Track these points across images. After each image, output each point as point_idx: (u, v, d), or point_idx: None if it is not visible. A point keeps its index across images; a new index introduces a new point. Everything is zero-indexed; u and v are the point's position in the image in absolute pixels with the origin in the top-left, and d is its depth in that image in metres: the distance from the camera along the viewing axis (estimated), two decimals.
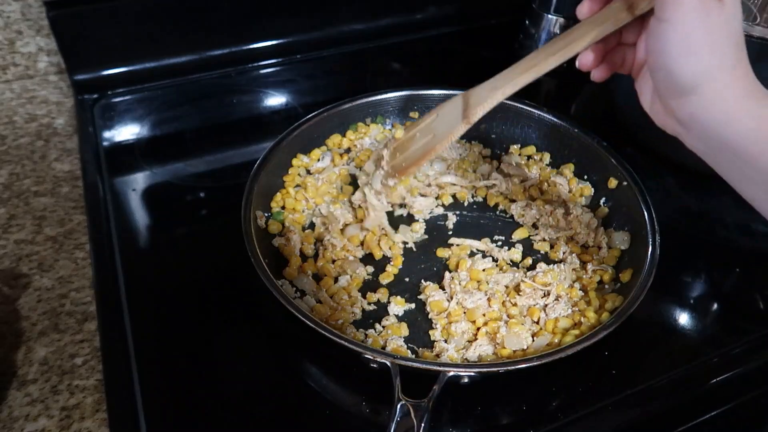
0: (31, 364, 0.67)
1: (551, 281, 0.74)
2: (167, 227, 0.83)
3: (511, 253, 0.80)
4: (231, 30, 1.10)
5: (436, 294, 0.73)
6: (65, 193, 0.88)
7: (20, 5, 1.04)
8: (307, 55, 1.17)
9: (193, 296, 0.74)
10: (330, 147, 0.92)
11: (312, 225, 0.82)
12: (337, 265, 0.76)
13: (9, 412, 0.63)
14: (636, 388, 0.66)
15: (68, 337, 0.70)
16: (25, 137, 0.98)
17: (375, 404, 0.63)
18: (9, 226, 0.83)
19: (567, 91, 1.14)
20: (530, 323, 0.71)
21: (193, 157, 0.94)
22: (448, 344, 0.68)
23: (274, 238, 0.79)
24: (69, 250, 0.80)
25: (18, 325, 0.71)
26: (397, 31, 1.23)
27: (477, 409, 0.63)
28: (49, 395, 0.64)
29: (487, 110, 0.67)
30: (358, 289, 0.75)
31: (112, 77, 1.05)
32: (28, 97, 1.07)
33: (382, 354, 0.61)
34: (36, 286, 0.75)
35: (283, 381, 0.67)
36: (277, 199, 0.83)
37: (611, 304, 0.71)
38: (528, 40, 1.16)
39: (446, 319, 0.71)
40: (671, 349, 0.71)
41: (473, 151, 0.94)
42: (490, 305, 0.72)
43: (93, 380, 0.66)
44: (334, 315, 0.70)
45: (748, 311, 0.76)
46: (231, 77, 1.11)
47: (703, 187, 0.91)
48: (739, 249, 0.84)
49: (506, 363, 0.62)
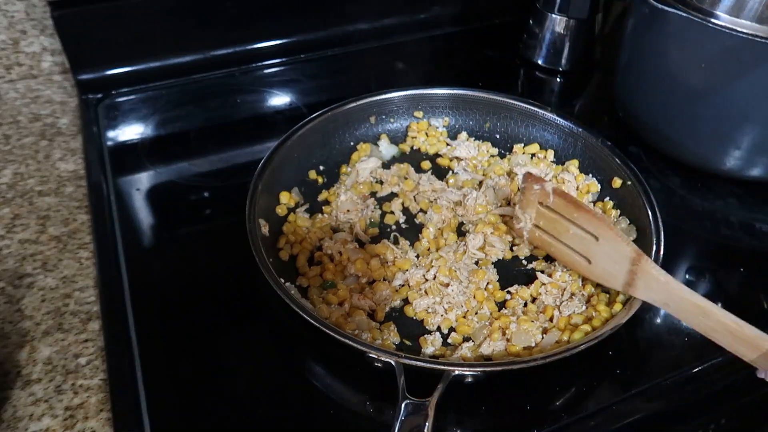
0: (35, 363, 0.67)
1: (568, 280, 0.74)
2: (171, 227, 0.84)
3: (522, 248, 0.80)
4: (235, 29, 1.10)
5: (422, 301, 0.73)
6: (69, 192, 0.88)
7: (24, 5, 1.04)
8: (312, 54, 1.17)
9: (196, 296, 0.74)
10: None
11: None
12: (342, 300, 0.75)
13: (13, 411, 0.63)
14: (640, 388, 0.66)
15: (72, 337, 0.70)
16: (29, 137, 0.98)
17: (379, 403, 0.63)
18: (13, 225, 0.83)
19: (571, 90, 1.14)
20: (543, 320, 0.71)
21: (197, 156, 0.94)
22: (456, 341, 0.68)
23: (278, 239, 0.79)
24: (73, 249, 0.80)
25: (22, 324, 0.71)
26: (401, 30, 1.23)
27: (481, 407, 0.63)
28: (53, 395, 0.64)
29: (649, 302, 0.66)
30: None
31: (116, 77, 1.05)
32: (33, 96, 1.07)
33: (387, 353, 0.60)
34: (40, 286, 0.75)
35: (287, 380, 0.67)
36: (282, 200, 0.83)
37: (623, 296, 0.71)
38: (532, 40, 1.16)
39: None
40: (675, 349, 0.71)
41: (481, 149, 0.94)
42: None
43: (97, 380, 0.66)
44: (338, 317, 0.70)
45: (753, 311, 0.75)
46: (235, 77, 1.11)
47: (708, 187, 0.91)
48: (744, 249, 0.84)
49: (510, 362, 0.62)
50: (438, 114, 0.97)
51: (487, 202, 0.85)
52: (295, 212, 0.83)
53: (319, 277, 0.76)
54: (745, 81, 0.79)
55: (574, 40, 1.12)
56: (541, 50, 1.15)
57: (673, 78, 0.86)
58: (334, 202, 0.84)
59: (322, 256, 0.78)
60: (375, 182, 0.90)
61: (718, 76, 0.81)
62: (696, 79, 0.84)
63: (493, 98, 0.94)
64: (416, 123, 0.96)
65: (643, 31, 0.89)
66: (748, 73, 0.79)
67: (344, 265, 0.77)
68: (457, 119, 0.97)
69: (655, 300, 0.65)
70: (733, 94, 0.81)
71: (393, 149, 0.94)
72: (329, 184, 0.89)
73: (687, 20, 0.79)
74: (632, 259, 0.66)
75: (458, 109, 0.96)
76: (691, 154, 0.91)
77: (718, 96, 0.82)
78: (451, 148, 0.94)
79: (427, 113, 0.97)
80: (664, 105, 0.90)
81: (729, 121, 0.84)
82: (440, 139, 0.95)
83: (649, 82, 0.91)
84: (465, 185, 0.88)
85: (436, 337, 0.70)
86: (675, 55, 0.85)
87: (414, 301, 0.73)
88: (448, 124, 0.97)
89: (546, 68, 1.16)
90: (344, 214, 0.83)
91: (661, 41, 0.86)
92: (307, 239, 0.79)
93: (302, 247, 0.79)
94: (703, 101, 0.84)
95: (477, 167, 0.92)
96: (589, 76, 1.18)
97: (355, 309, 0.72)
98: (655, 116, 0.92)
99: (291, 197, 0.84)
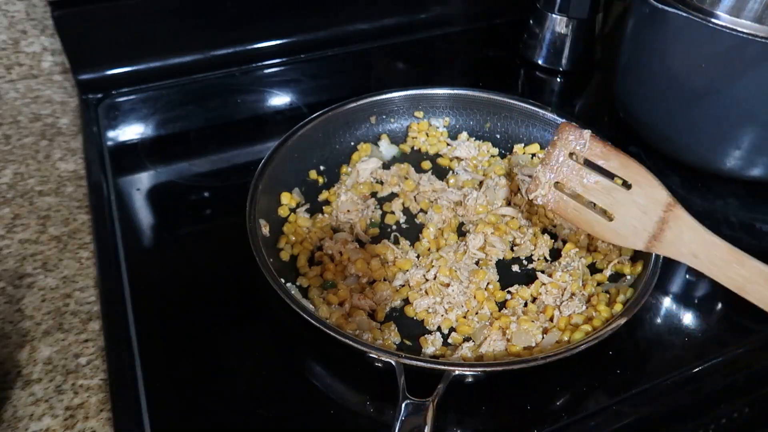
0: (36, 363, 0.67)
1: (568, 280, 0.74)
2: (171, 227, 0.84)
3: (522, 248, 0.80)
4: (235, 29, 1.10)
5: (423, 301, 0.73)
6: (69, 192, 0.88)
7: (25, 5, 1.04)
8: (312, 54, 1.17)
9: (197, 296, 0.74)
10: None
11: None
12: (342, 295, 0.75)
13: (13, 411, 0.63)
14: (640, 388, 0.66)
15: (72, 337, 0.70)
16: (29, 137, 0.98)
17: (380, 403, 0.63)
18: (13, 225, 0.83)
19: (571, 90, 1.14)
20: (543, 320, 0.71)
21: (197, 156, 0.94)
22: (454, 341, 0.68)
23: (279, 239, 0.79)
24: (73, 249, 0.80)
25: (22, 324, 0.71)
26: (401, 30, 1.23)
27: (482, 407, 0.63)
28: (54, 395, 0.64)
29: (672, 257, 0.65)
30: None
31: (117, 77, 1.05)
32: (33, 96, 1.07)
33: (387, 353, 0.60)
34: (40, 286, 0.75)
35: (287, 380, 0.67)
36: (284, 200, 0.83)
37: (623, 296, 0.71)
38: (532, 40, 1.16)
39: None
40: (676, 348, 0.71)
41: (482, 149, 0.94)
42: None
43: (97, 380, 0.66)
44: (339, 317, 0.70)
45: (753, 311, 0.75)
46: (235, 77, 1.11)
47: (708, 187, 0.91)
48: (744, 249, 0.83)
49: (510, 362, 0.62)
50: (438, 114, 0.97)
51: (488, 202, 0.84)
52: (296, 212, 0.83)
53: (319, 277, 0.76)
54: (745, 81, 0.79)
55: (574, 40, 1.12)
56: (541, 50, 1.15)
57: (673, 78, 0.86)
58: (335, 202, 0.84)
59: (323, 256, 0.78)
60: (375, 182, 0.90)
61: (718, 76, 0.81)
62: (696, 79, 0.84)
63: (494, 98, 0.94)
64: (417, 123, 0.96)
65: (643, 31, 0.89)
66: (748, 73, 0.79)
67: (345, 265, 0.77)
68: (457, 119, 0.97)
69: (682, 253, 0.64)
70: (733, 94, 0.81)
71: (393, 149, 0.95)
72: (330, 184, 0.89)
73: (687, 20, 0.79)
74: (667, 204, 0.65)
75: (458, 109, 0.96)
76: (691, 154, 0.91)
77: (718, 96, 0.82)
78: (452, 148, 0.94)
79: (427, 113, 0.97)
80: (664, 105, 0.90)
81: (729, 121, 0.84)
82: (440, 139, 0.96)
83: (649, 82, 0.91)
84: (465, 185, 0.88)
85: (437, 337, 0.70)
86: (675, 55, 0.85)
87: (414, 301, 0.73)
88: (449, 124, 0.97)
89: (546, 68, 1.16)
90: (345, 214, 0.83)
91: (661, 41, 0.86)
92: (308, 239, 0.80)
93: (303, 247, 0.79)
94: (703, 101, 0.84)
95: (477, 167, 0.92)
96: (589, 76, 1.18)
97: (356, 309, 0.72)
98: (655, 116, 0.92)
99: (292, 198, 0.84)
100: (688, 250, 0.63)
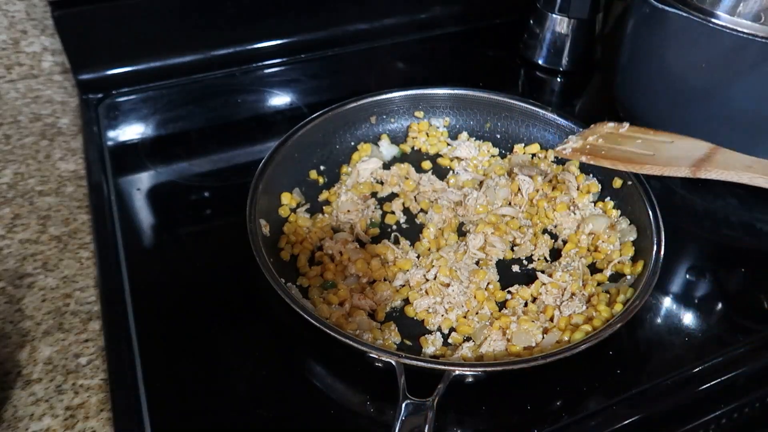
0: (36, 363, 0.67)
1: (568, 280, 0.74)
2: (172, 227, 0.84)
3: (522, 248, 0.80)
4: (235, 29, 1.10)
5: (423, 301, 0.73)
6: (70, 192, 0.88)
7: (25, 5, 1.04)
8: (312, 54, 1.17)
9: (197, 296, 0.74)
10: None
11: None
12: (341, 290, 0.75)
13: (14, 411, 0.63)
14: (641, 388, 0.65)
15: (73, 337, 0.70)
16: (29, 137, 0.98)
17: (380, 403, 0.63)
18: (13, 225, 0.83)
19: (571, 90, 1.14)
20: (543, 320, 0.71)
21: (197, 156, 0.94)
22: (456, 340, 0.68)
23: (279, 239, 0.79)
24: (73, 249, 0.80)
25: (22, 324, 0.71)
26: (401, 30, 1.23)
27: (482, 407, 0.63)
28: (54, 395, 0.64)
29: (720, 178, 0.68)
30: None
31: (117, 77, 1.05)
32: (33, 96, 1.08)
33: (387, 353, 0.60)
34: (40, 286, 0.75)
35: (287, 380, 0.67)
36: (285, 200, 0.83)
37: (623, 296, 0.71)
38: (532, 40, 1.16)
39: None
40: (676, 348, 0.70)
41: (482, 149, 0.94)
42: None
43: (97, 380, 0.66)
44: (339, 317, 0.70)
45: (753, 311, 0.75)
46: (236, 77, 1.11)
47: (708, 187, 0.91)
48: (744, 249, 0.84)
49: (510, 362, 0.62)
50: (438, 114, 0.97)
51: (488, 202, 0.85)
52: (296, 212, 0.83)
53: (319, 277, 0.76)
54: (745, 81, 0.79)
55: (574, 40, 1.12)
56: (541, 50, 1.15)
57: (673, 78, 0.86)
58: (335, 202, 0.85)
59: (323, 256, 0.78)
60: (375, 182, 0.90)
61: (718, 76, 0.81)
62: (696, 79, 0.84)
63: (494, 98, 0.94)
64: (417, 123, 0.96)
65: (644, 31, 0.89)
66: (748, 73, 0.79)
67: (345, 265, 0.77)
68: (457, 119, 0.97)
69: (736, 168, 0.67)
70: (733, 94, 0.81)
71: (393, 149, 0.95)
72: (330, 184, 0.89)
73: (687, 20, 0.79)
74: (711, 147, 0.72)
75: (459, 109, 0.96)
76: None
77: (718, 96, 0.82)
78: (452, 148, 0.94)
79: (427, 113, 0.97)
80: (664, 105, 0.90)
81: (729, 120, 0.84)
82: (441, 139, 0.96)
83: (649, 82, 0.91)
84: (465, 185, 0.88)
85: (437, 337, 0.70)
86: (675, 55, 0.85)
87: (414, 301, 0.73)
88: (449, 124, 0.97)
89: (546, 68, 1.16)
90: (345, 214, 0.83)
91: (661, 41, 0.86)
92: (308, 239, 0.80)
93: (303, 247, 0.79)
94: (704, 101, 0.84)
95: (477, 167, 0.92)
96: (589, 76, 1.18)
97: (356, 309, 0.72)
98: (655, 116, 0.92)
99: (292, 198, 0.84)
100: (741, 164, 0.67)
